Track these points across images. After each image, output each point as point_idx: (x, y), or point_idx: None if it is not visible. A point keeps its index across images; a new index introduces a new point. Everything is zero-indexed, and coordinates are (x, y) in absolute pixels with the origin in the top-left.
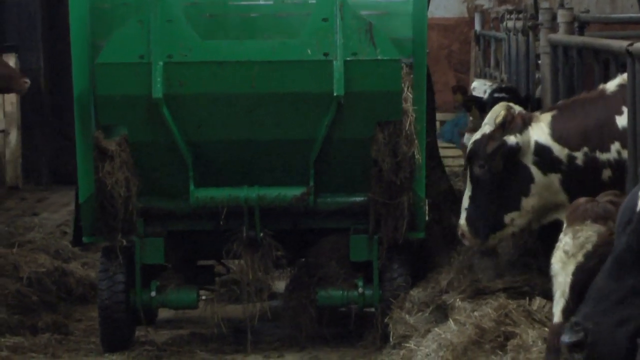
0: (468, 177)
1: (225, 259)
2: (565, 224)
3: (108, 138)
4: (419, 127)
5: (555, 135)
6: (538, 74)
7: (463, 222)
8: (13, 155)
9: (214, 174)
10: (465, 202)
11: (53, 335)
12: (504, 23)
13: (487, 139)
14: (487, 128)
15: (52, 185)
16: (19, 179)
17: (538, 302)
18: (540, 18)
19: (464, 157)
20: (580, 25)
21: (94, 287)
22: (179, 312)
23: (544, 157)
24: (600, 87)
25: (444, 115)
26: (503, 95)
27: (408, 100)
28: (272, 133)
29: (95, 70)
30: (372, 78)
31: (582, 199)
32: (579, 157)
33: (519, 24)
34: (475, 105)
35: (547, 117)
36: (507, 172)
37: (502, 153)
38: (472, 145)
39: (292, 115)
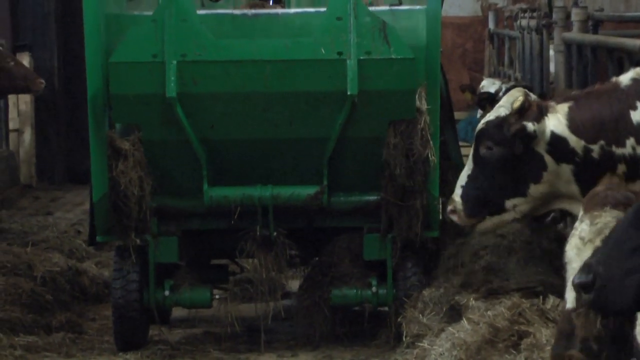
0: (471, 155)
1: (239, 258)
2: (583, 212)
3: (122, 137)
4: (433, 126)
5: (572, 127)
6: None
7: (458, 199)
8: (27, 155)
9: (228, 173)
10: (463, 179)
11: (67, 335)
12: (518, 22)
13: (501, 122)
14: (502, 111)
15: (66, 185)
16: (33, 178)
17: (552, 301)
18: (554, 16)
19: None
20: (594, 24)
21: (108, 286)
22: (193, 311)
23: (560, 147)
24: (614, 79)
25: (458, 114)
26: None
27: (422, 100)
28: (285, 132)
29: (109, 69)
30: (385, 77)
31: (600, 187)
32: (595, 150)
33: (533, 23)
34: (489, 104)
35: (563, 107)
36: (518, 158)
37: (521, 138)
38: (483, 125)
39: (305, 114)
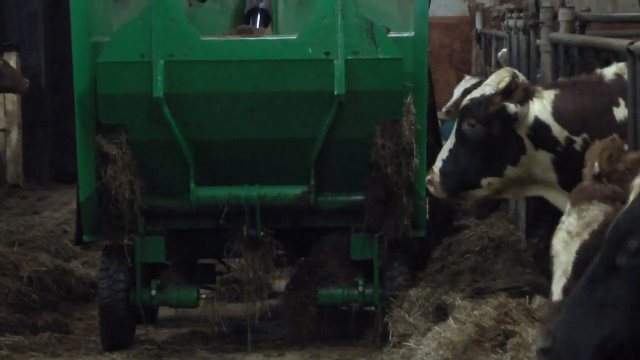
0: (454, 130)
1: (226, 258)
2: (570, 205)
3: (108, 139)
4: (420, 126)
5: (556, 116)
6: (539, 73)
7: (436, 170)
8: (14, 154)
9: (215, 173)
10: (444, 153)
11: (53, 334)
12: (505, 22)
13: (485, 100)
14: (488, 89)
15: (52, 184)
16: (20, 178)
17: (538, 300)
18: (541, 17)
19: None
20: (581, 24)
21: (95, 285)
22: (180, 310)
23: (541, 134)
24: (598, 72)
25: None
26: None
27: (409, 99)
28: (273, 132)
29: (96, 69)
30: (373, 77)
31: (587, 181)
32: (578, 142)
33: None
34: None
35: (549, 94)
36: (497, 138)
37: (500, 118)
38: (467, 102)
39: (293, 114)
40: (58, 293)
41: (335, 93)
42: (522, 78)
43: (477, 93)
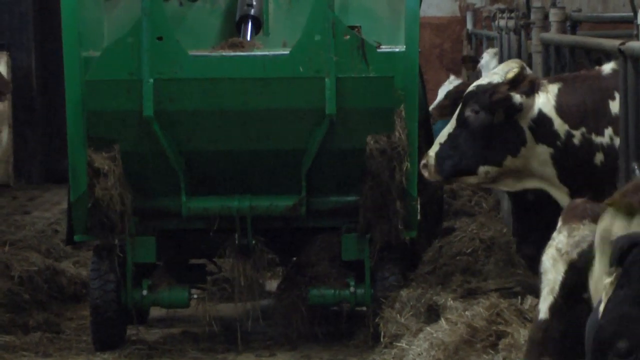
0: (455, 115)
1: (217, 258)
2: (561, 223)
3: (100, 152)
4: (411, 132)
5: (559, 109)
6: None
7: (432, 154)
8: (5, 154)
9: (206, 184)
10: (443, 137)
11: (44, 334)
12: (496, 22)
13: (492, 88)
14: (495, 78)
15: (43, 184)
16: (11, 178)
17: (530, 301)
18: (532, 17)
19: None
20: (572, 24)
21: (86, 285)
22: (171, 310)
23: (543, 127)
24: (597, 68)
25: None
26: None
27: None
28: (263, 144)
29: (86, 87)
30: (364, 95)
31: (579, 200)
32: (577, 136)
33: (511, 23)
34: (471, 61)
35: (554, 88)
36: (499, 127)
37: (505, 107)
38: (473, 88)
39: (283, 130)
40: (49, 293)
41: (327, 112)
42: (529, 71)
43: (483, 81)
